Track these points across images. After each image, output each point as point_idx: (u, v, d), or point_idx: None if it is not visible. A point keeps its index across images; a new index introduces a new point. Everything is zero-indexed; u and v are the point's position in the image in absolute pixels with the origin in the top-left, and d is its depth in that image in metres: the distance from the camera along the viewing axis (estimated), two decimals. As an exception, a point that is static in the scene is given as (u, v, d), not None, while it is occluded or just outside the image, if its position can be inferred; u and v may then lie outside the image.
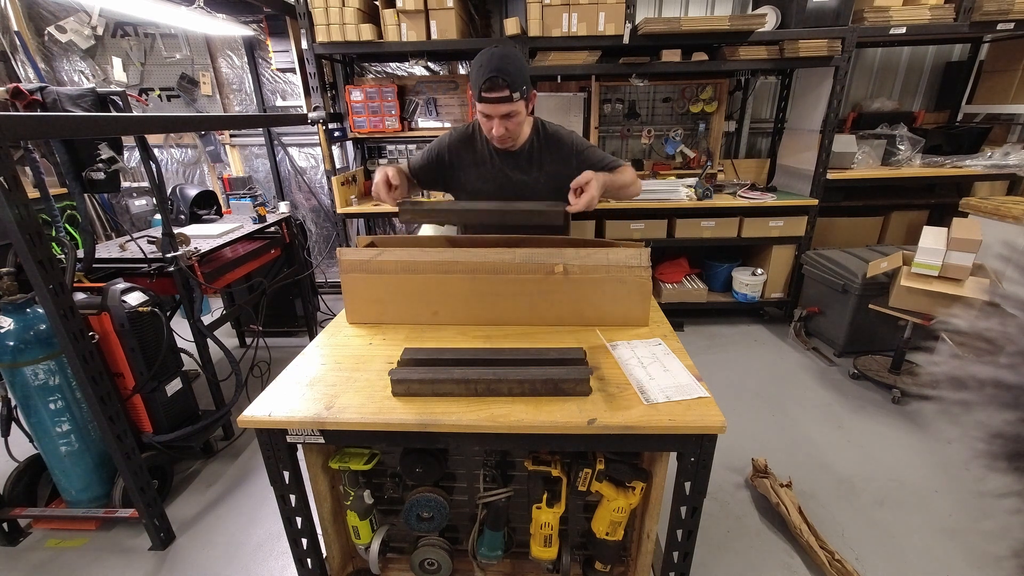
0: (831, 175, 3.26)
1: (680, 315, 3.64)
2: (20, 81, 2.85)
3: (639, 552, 1.44)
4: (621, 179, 1.66)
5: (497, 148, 1.68)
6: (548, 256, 1.41)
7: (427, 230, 3.58)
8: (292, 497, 1.25)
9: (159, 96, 3.81)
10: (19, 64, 3.47)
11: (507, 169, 1.71)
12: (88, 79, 3.76)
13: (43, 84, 1.88)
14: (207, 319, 2.33)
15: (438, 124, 3.71)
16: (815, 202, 3.27)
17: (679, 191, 3.28)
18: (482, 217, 1.65)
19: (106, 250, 2.40)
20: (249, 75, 3.80)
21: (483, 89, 1.46)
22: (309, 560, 1.35)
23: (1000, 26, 2.93)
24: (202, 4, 2.81)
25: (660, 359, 1.27)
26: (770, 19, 3.01)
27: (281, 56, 3.56)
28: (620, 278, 1.40)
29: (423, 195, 3.43)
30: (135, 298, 1.95)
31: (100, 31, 3.64)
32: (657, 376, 1.19)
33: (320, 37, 3.01)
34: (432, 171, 1.76)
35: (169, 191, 3.16)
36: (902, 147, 3.42)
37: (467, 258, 1.42)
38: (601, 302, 1.43)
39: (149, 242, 2.26)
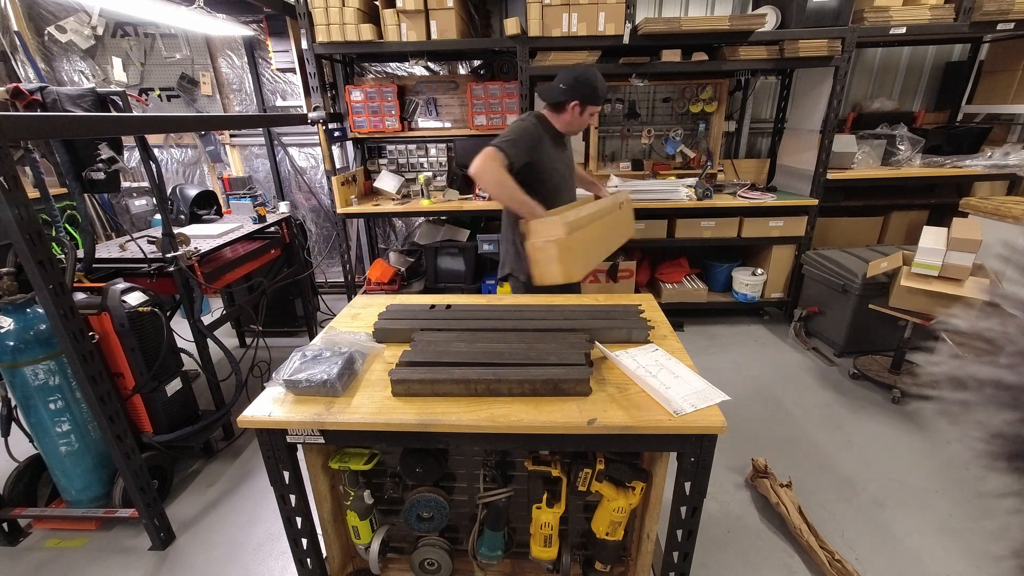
0: (831, 175, 3.26)
1: (680, 315, 3.64)
2: (20, 81, 2.84)
3: (639, 552, 1.44)
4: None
5: (554, 135, 2.04)
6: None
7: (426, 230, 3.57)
8: (292, 497, 1.25)
9: (159, 96, 3.81)
10: (19, 64, 3.47)
11: (559, 150, 2.08)
12: (88, 79, 3.76)
13: (43, 84, 1.87)
14: (207, 319, 2.33)
15: (438, 124, 3.71)
16: (815, 202, 3.27)
17: (679, 191, 3.28)
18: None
19: (106, 250, 2.40)
20: (249, 75, 3.80)
21: (600, 103, 1.99)
22: (309, 560, 1.36)
23: (1000, 26, 2.93)
24: (202, 4, 2.81)
25: (664, 364, 1.27)
26: (770, 19, 3.01)
27: (281, 56, 3.56)
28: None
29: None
30: (135, 298, 1.95)
31: (100, 31, 3.64)
32: (672, 384, 1.17)
33: (320, 37, 3.01)
34: (525, 154, 1.93)
35: (169, 191, 3.16)
36: (902, 147, 3.42)
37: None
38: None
39: (149, 242, 2.26)
